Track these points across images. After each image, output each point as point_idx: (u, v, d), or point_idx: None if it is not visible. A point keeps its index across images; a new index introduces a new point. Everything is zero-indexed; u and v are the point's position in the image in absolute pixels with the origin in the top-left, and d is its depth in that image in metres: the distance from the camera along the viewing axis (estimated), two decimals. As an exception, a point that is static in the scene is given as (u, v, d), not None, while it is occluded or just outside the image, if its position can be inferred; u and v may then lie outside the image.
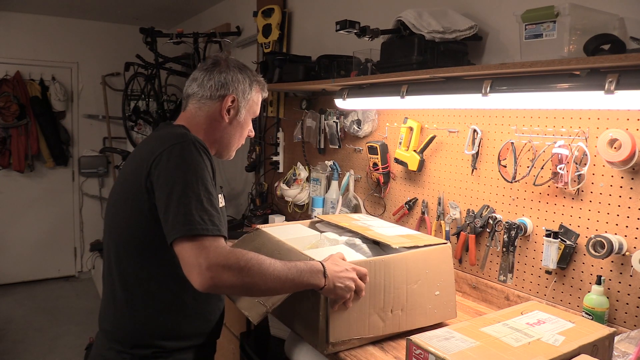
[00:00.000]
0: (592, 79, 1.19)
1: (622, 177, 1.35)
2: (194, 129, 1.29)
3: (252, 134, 1.44)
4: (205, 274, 1.01)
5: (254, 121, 1.43)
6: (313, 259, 1.23)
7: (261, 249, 1.49)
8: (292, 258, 1.32)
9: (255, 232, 1.62)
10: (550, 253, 1.46)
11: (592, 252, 1.34)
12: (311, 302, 1.28)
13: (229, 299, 1.44)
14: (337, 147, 2.43)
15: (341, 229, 1.73)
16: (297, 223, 1.80)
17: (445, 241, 1.54)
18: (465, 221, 1.76)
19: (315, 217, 1.90)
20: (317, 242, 1.64)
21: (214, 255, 1.03)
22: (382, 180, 2.13)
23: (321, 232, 1.72)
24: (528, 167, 1.54)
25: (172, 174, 1.10)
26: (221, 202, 1.30)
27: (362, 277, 1.25)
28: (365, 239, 1.57)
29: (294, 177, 2.67)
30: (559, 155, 1.43)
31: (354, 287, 1.22)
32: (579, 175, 1.41)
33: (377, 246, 1.59)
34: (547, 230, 1.48)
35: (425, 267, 1.40)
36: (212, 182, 1.16)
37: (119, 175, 1.29)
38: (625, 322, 1.35)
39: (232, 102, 1.31)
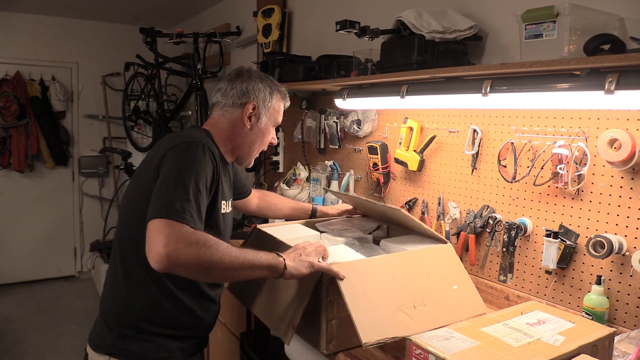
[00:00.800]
0: (592, 79, 1.19)
1: (622, 177, 1.35)
2: (217, 134, 1.39)
3: (275, 141, 1.52)
4: (162, 250, 1.04)
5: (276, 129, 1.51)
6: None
7: (261, 249, 1.49)
8: None
9: (253, 232, 1.62)
10: (550, 253, 1.46)
11: (592, 252, 1.34)
12: (313, 304, 1.28)
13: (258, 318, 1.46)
14: (337, 147, 2.43)
15: (341, 228, 1.74)
16: (296, 223, 1.80)
17: (445, 240, 1.55)
18: (465, 221, 1.76)
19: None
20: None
21: (177, 235, 1.06)
22: (382, 180, 2.13)
23: (321, 232, 1.72)
24: (528, 167, 1.54)
25: (172, 166, 1.19)
26: (226, 209, 1.38)
27: (320, 251, 1.29)
28: (364, 240, 1.57)
29: (294, 177, 2.67)
30: (559, 155, 1.43)
31: (311, 253, 1.26)
32: (579, 175, 1.41)
33: (377, 246, 1.59)
34: (547, 230, 1.48)
35: (432, 264, 1.39)
36: (211, 184, 1.24)
37: (139, 167, 1.37)
38: (625, 322, 1.35)
39: (253, 109, 1.40)
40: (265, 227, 1.65)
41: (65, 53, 4.73)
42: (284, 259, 1.21)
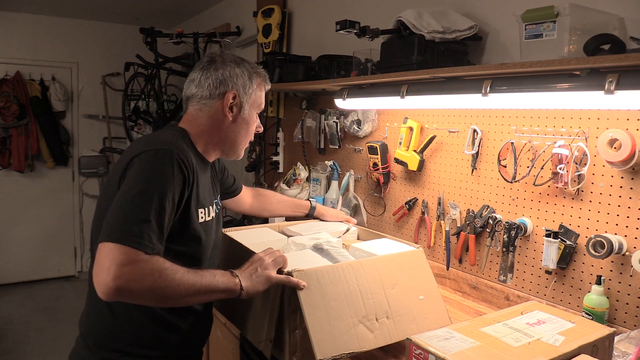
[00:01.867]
0: (592, 79, 1.19)
1: (622, 177, 1.35)
2: (196, 131, 1.26)
3: (261, 129, 1.38)
4: (111, 282, 0.95)
5: (260, 116, 1.38)
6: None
7: (229, 257, 1.45)
8: None
9: (223, 238, 1.56)
10: (550, 253, 1.46)
11: (592, 252, 1.34)
12: (268, 314, 1.25)
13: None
14: (337, 147, 2.43)
15: (308, 233, 1.69)
16: (265, 226, 1.76)
17: (417, 245, 1.50)
18: (465, 221, 1.76)
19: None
20: (283, 246, 1.60)
21: (130, 266, 0.97)
22: (382, 180, 2.13)
23: (288, 236, 1.68)
24: (528, 167, 1.54)
25: (134, 179, 1.07)
26: (206, 216, 1.25)
27: (278, 262, 1.24)
28: (332, 244, 1.51)
29: (294, 177, 2.67)
30: (559, 155, 1.43)
31: (268, 266, 1.20)
32: (579, 175, 1.41)
33: (346, 250, 1.54)
34: (547, 230, 1.48)
35: (400, 271, 1.34)
36: (180, 198, 1.11)
37: (109, 172, 1.28)
38: (625, 322, 1.35)
39: (234, 98, 1.26)
40: (230, 232, 1.60)
41: (65, 53, 4.73)
42: (240, 280, 1.15)
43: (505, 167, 1.62)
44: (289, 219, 2.01)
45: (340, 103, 2.08)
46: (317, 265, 1.27)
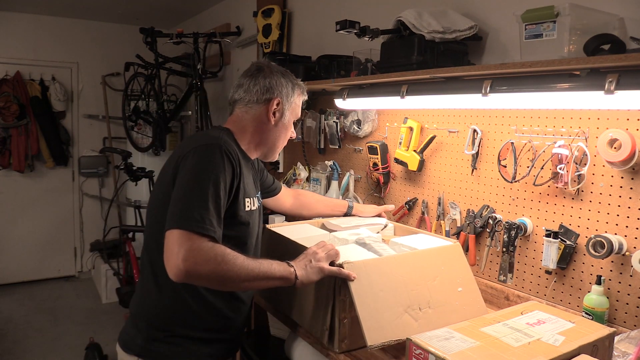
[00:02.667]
0: (592, 79, 1.19)
1: (622, 177, 1.35)
2: (241, 132, 1.38)
3: (294, 135, 1.51)
4: (181, 264, 1.07)
5: (294, 123, 1.50)
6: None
7: (275, 251, 1.50)
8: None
9: (265, 232, 1.62)
10: (550, 253, 1.46)
11: (592, 252, 1.34)
12: (325, 302, 1.30)
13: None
14: (337, 147, 2.43)
15: (347, 226, 1.74)
16: (305, 223, 1.80)
17: (454, 240, 1.56)
18: (465, 221, 1.76)
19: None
20: (327, 241, 1.64)
21: (196, 250, 1.08)
22: (382, 180, 2.13)
23: (330, 231, 1.72)
24: (528, 167, 1.54)
25: (189, 170, 1.19)
26: (252, 206, 1.36)
27: (331, 255, 1.31)
28: (373, 239, 1.57)
29: (294, 177, 2.67)
30: (559, 155, 1.43)
31: (321, 258, 1.28)
32: (579, 175, 1.41)
33: (386, 245, 1.59)
34: (547, 230, 1.48)
35: (440, 264, 1.40)
36: (230, 187, 1.23)
37: (161, 170, 1.36)
38: (625, 322, 1.35)
39: (277, 104, 1.39)
40: (274, 227, 1.66)
41: (65, 53, 4.73)
42: (295, 270, 1.24)
43: (505, 167, 1.62)
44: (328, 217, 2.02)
45: (340, 103, 2.08)
46: (363, 259, 1.34)
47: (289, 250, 1.42)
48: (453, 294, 1.38)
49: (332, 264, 1.29)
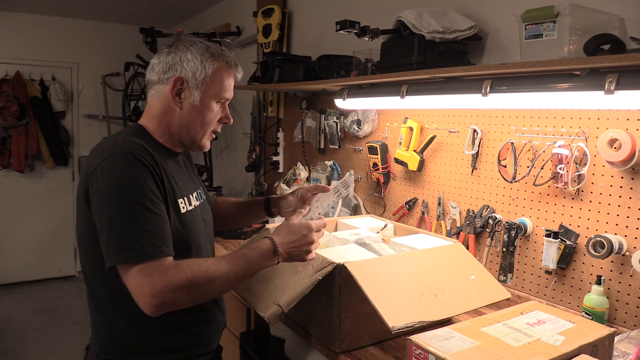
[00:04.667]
0: (592, 79, 1.19)
1: (622, 177, 1.35)
2: (154, 123, 1.19)
3: (229, 120, 1.26)
4: (152, 302, 0.97)
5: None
6: (267, 237, 1.17)
7: None
8: None
9: (264, 231, 1.62)
10: (550, 253, 1.46)
11: (592, 252, 1.34)
12: (325, 302, 1.29)
13: (241, 301, 1.42)
14: (337, 147, 2.43)
15: (350, 228, 1.74)
16: None
17: (454, 240, 1.57)
18: (465, 221, 1.76)
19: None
20: (327, 241, 1.65)
21: (157, 280, 0.98)
22: (382, 180, 2.13)
23: (330, 231, 1.73)
24: (528, 167, 1.54)
25: (105, 194, 1.03)
26: (188, 206, 1.19)
27: (319, 228, 1.21)
28: (373, 239, 1.57)
29: (294, 177, 2.67)
30: (559, 155, 1.43)
31: (312, 248, 1.19)
32: (579, 175, 1.41)
33: (386, 245, 1.59)
34: (547, 230, 1.48)
35: (445, 259, 1.40)
36: (155, 193, 1.06)
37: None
38: (625, 322, 1.35)
39: (181, 83, 1.16)
40: (274, 227, 1.65)
41: (65, 53, 4.73)
42: (279, 255, 1.14)
43: (505, 167, 1.62)
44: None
45: (340, 103, 2.08)
46: (364, 258, 1.35)
47: None
48: (466, 281, 1.36)
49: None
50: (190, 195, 1.23)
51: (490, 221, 1.66)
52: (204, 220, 1.28)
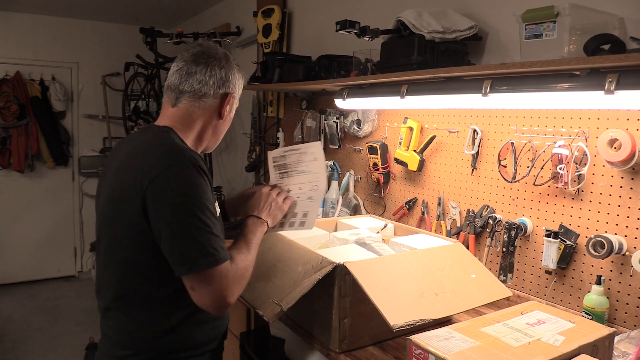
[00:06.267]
0: (592, 79, 1.19)
1: (622, 177, 1.35)
2: (186, 128, 1.23)
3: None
4: (224, 301, 1.09)
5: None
6: (247, 217, 1.33)
7: (272, 249, 1.50)
8: (304, 257, 1.34)
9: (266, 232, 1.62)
10: (550, 253, 1.46)
11: (592, 252, 1.34)
12: (325, 302, 1.30)
13: (241, 300, 1.42)
14: (337, 147, 2.43)
15: (350, 228, 1.74)
16: None
17: (454, 240, 1.57)
18: (465, 221, 1.76)
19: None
20: (327, 241, 1.65)
21: (227, 282, 1.09)
22: (382, 180, 2.13)
23: (330, 231, 1.73)
24: (528, 167, 1.54)
25: (175, 203, 1.07)
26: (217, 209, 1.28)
27: (270, 187, 1.40)
28: (373, 239, 1.57)
29: (294, 177, 2.67)
30: (559, 155, 1.43)
31: (280, 198, 1.37)
32: (579, 175, 1.41)
33: (386, 245, 1.59)
34: (547, 230, 1.48)
35: (446, 258, 1.40)
36: (212, 200, 1.14)
37: (104, 182, 1.23)
38: (625, 322, 1.35)
39: (231, 99, 1.27)
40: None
41: (65, 53, 4.73)
42: (266, 220, 1.32)
43: (505, 167, 1.62)
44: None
45: (340, 103, 2.08)
46: (364, 258, 1.36)
47: (293, 252, 1.42)
48: (467, 280, 1.37)
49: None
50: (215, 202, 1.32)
51: (490, 221, 1.66)
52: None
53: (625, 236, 1.34)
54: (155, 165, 1.09)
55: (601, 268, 1.39)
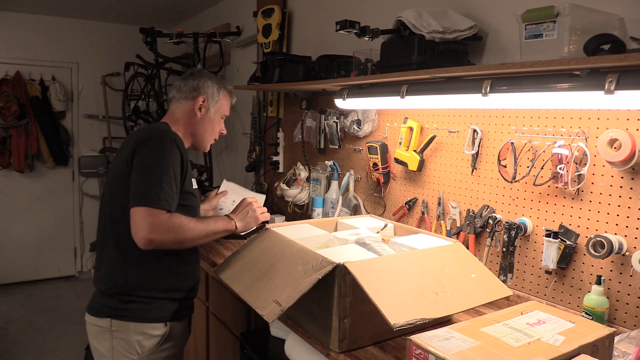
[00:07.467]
0: (592, 79, 1.19)
1: (622, 177, 1.35)
2: (175, 124, 1.65)
3: (224, 132, 1.80)
4: (145, 239, 1.36)
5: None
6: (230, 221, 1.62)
7: (272, 249, 1.50)
8: (304, 257, 1.34)
9: (265, 232, 1.63)
10: (550, 253, 1.46)
11: (592, 252, 1.34)
12: (325, 302, 1.29)
13: (241, 300, 1.47)
14: (337, 147, 2.43)
15: (350, 228, 1.74)
16: (304, 222, 1.80)
17: (454, 240, 1.57)
18: (465, 221, 1.76)
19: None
20: (326, 241, 1.65)
21: (157, 223, 1.37)
22: (382, 180, 2.13)
23: (330, 231, 1.73)
24: (528, 167, 1.54)
25: (147, 156, 1.44)
26: (194, 185, 1.66)
27: (254, 200, 1.73)
28: (373, 239, 1.57)
29: (294, 177, 2.67)
30: (559, 155, 1.43)
31: (258, 210, 1.70)
32: (579, 175, 1.41)
33: (386, 245, 1.59)
34: (547, 230, 1.48)
35: (446, 258, 1.40)
36: (180, 168, 1.49)
37: (116, 154, 1.63)
38: (625, 322, 1.35)
39: (203, 101, 1.67)
40: (275, 227, 1.66)
41: (65, 53, 4.74)
42: (235, 221, 1.62)
43: (505, 167, 1.62)
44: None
45: (340, 103, 2.08)
46: (364, 258, 1.37)
47: (293, 253, 1.41)
48: (467, 280, 1.36)
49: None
50: (193, 180, 1.67)
51: (490, 221, 1.66)
52: (199, 199, 1.73)
53: (625, 236, 1.34)
54: (146, 135, 1.50)
55: (601, 268, 1.39)
